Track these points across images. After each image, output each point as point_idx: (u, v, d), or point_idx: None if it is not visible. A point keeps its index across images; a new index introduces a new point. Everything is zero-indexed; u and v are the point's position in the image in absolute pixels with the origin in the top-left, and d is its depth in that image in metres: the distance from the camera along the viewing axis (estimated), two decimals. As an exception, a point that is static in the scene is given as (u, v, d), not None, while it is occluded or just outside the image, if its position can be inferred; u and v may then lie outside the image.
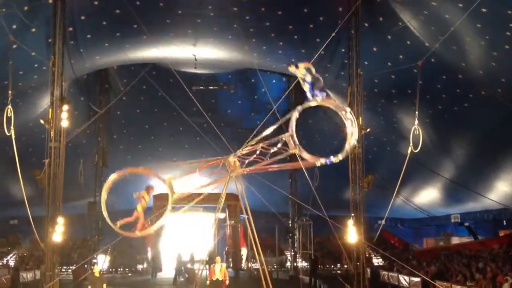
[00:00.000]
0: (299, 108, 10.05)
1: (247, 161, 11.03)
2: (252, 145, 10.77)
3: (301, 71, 9.96)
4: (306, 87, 10.01)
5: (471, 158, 22.69)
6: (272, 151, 10.48)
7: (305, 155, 10.44)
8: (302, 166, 12.09)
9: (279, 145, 10.50)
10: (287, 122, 10.20)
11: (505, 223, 27.36)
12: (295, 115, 10.16)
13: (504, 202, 24.50)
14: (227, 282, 17.67)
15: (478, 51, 16.40)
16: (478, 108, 19.11)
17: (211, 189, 11.20)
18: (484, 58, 16.57)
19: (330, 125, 25.88)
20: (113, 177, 10.28)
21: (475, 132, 20.84)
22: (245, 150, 10.90)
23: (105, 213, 10.19)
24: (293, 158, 11.99)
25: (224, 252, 31.61)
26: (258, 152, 10.59)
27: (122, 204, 16.19)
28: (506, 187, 22.82)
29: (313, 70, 9.98)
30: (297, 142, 10.20)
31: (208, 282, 17.47)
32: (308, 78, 9.97)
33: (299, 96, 29.47)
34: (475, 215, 28.69)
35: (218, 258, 18.18)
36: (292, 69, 10.07)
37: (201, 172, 11.01)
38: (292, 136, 10.28)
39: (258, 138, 10.68)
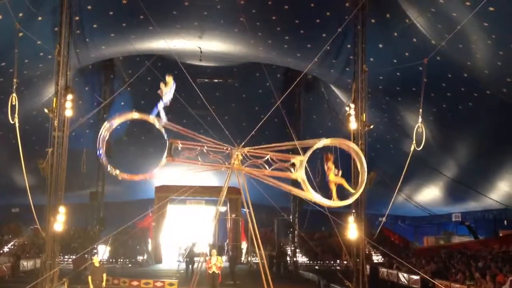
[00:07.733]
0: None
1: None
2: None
3: None
4: None
5: (474, 157, 22.65)
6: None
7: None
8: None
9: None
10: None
11: (505, 223, 27.34)
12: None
13: (505, 202, 24.47)
14: (220, 269, 17.68)
15: (484, 50, 16.32)
16: (482, 107, 19.05)
17: (210, 179, 11.55)
18: (490, 57, 16.49)
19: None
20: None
21: (478, 132, 20.78)
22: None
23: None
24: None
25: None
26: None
27: (129, 196, 16.27)
28: (507, 187, 22.79)
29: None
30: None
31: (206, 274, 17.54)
32: None
33: (303, 91, 29.56)
34: (476, 215, 28.65)
35: (214, 251, 18.31)
36: None
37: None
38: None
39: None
